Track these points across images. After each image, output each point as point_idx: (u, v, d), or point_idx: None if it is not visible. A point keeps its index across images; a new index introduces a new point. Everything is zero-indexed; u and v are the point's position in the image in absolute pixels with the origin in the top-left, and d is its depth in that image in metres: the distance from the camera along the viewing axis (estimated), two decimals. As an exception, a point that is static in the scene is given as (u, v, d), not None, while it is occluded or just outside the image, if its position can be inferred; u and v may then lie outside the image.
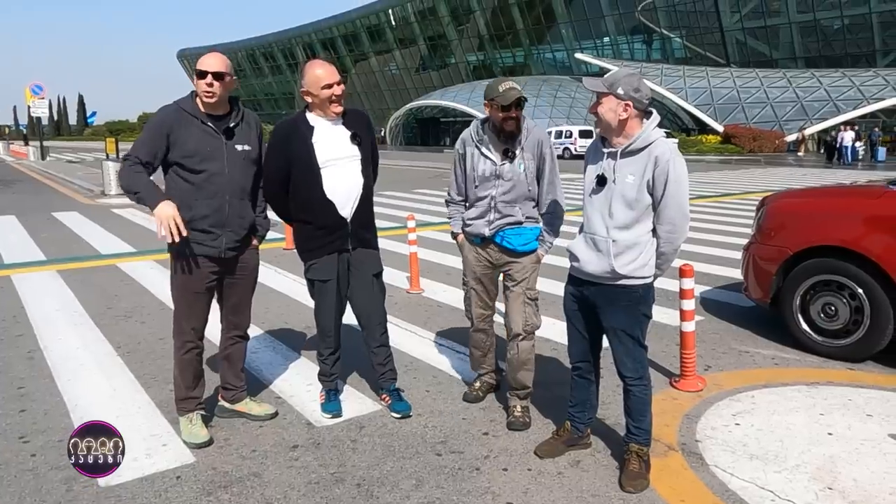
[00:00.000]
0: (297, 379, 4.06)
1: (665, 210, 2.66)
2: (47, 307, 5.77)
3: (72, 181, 20.03)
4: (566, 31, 56.35)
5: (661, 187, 2.63)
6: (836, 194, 5.47)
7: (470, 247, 3.47)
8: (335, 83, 3.18)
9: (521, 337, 3.36)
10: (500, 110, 3.17)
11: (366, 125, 3.42)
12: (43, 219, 11.83)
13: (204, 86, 3.02)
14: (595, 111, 2.71)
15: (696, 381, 3.87)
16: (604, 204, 2.73)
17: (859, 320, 4.28)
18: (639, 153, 2.67)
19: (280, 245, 8.61)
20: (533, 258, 3.36)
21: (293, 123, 3.31)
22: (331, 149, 3.25)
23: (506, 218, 3.31)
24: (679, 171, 2.64)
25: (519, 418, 3.38)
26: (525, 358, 3.38)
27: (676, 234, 2.70)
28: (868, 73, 38.46)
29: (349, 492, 2.76)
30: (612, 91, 2.63)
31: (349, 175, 3.28)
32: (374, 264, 3.46)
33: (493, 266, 3.44)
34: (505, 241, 3.34)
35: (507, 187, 3.28)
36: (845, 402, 3.62)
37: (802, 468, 2.90)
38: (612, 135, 2.71)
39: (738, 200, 14.69)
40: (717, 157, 34.12)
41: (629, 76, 2.67)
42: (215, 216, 3.10)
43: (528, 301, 3.36)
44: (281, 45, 78.90)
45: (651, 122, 2.69)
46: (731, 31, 48.33)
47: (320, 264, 3.36)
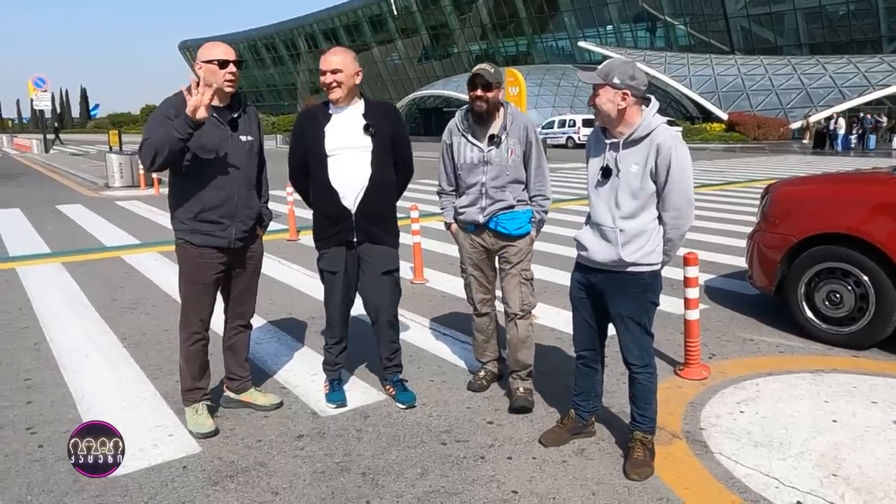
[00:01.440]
0: (301, 369, 4.07)
1: (669, 196, 2.66)
2: (52, 299, 5.79)
3: (76, 174, 20.06)
4: (569, 19, 55.98)
5: (664, 174, 2.63)
6: (841, 181, 5.44)
7: (464, 235, 3.52)
8: (328, 71, 3.20)
9: (519, 316, 3.44)
10: (469, 90, 3.27)
11: (388, 118, 3.38)
12: (47, 211, 11.86)
13: (228, 75, 3.04)
14: (593, 103, 2.69)
15: (701, 370, 3.87)
16: (610, 195, 2.73)
17: (864, 308, 4.26)
18: (640, 142, 2.66)
19: (284, 236, 8.62)
20: (527, 240, 3.44)
21: (314, 111, 3.39)
22: (340, 137, 3.26)
23: (497, 203, 3.36)
24: (682, 158, 2.64)
25: (522, 396, 3.40)
26: (524, 335, 3.44)
27: (682, 220, 2.70)
28: (874, 59, 38.14)
29: (354, 481, 2.77)
30: (607, 81, 2.62)
31: (355, 165, 3.27)
32: (385, 262, 3.41)
33: (489, 251, 3.50)
34: (500, 226, 3.39)
35: (495, 172, 3.33)
36: (850, 389, 3.61)
37: (807, 455, 2.90)
38: (612, 125, 2.70)
39: (742, 188, 14.63)
40: (722, 146, 33.95)
41: (623, 64, 2.66)
42: (225, 207, 3.11)
43: (523, 281, 3.44)
44: (283, 35, 78.65)
45: (651, 109, 2.69)
46: (736, 17, 47.94)
47: (329, 255, 3.39)
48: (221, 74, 3.02)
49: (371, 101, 3.39)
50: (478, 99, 3.25)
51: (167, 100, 3.13)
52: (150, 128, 3.00)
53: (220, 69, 3.02)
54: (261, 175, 3.35)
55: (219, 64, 3.02)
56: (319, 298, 5.70)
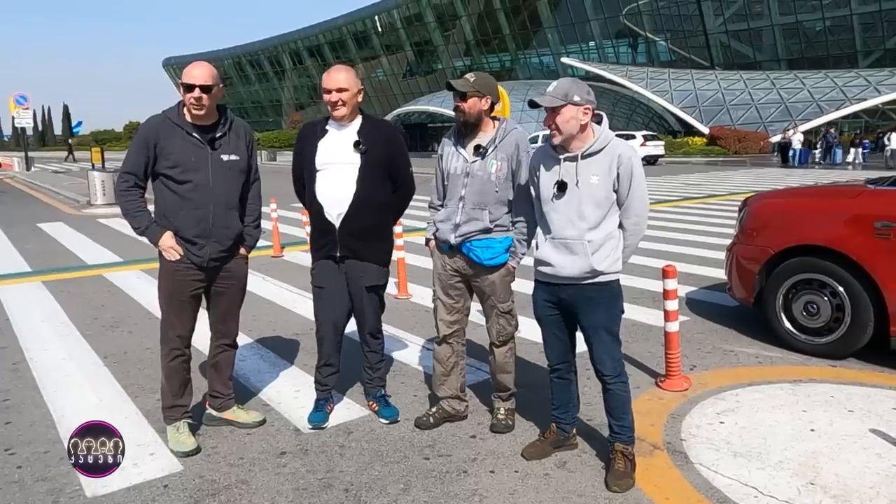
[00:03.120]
0: (284, 386, 4.06)
1: (632, 204, 2.78)
2: (32, 318, 5.73)
3: (58, 191, 19.89)
4: (552, 35, 56.62)
5: (626, 183, 2.75)
6: (817, 194, 5.54)
7: (439, 255, 3.36)
8: (333, 90, 3.22)
9: (496, 345, 3.38)
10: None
11: (384, 137, 3.37)
12: (28, 230, 11.74)
13: (192, 99, 3.02)
14: (553, 122, 2.74)
15: (682, 381, 3.91)
16: (570, 207, 2.79)
17: (840, 318, 4.34)
18: (599, 153, 2.76)
19: (268, 253, 8.60)
20: (502, 272, 3.24)
21: (314, 125, 3.43)
22: (330, 152, 3.30)
23: (472, 223, 3.18)
24: (640, 167, 2.79)
25: (501, 421, 3.39)
26: (502, 362, 3.39)
27: (640, 225, 2.84)
28: (850, 73, 38.91)
29: (337, 497, 2.77)
30: (568, 100, 2.70)
31: (341, 180, 3.28)
32: (367, 277, 3.40)
33: (462, 276, 3.32)
34: (472, 252, 3.21)
35: (476, 187, 3.16)
36: (828, 398, 3.67)
37: (785, 464, 2.94)
38: (571, 142, 2.78)
39: (722, 201, 14.81)
40: (704, 159, 34.37)
41: (575, 83, 2.76)
42: (199, 226, 3.11)
43: (500, 314, 3.30)
44: (267, 52, 78.75)
45: (605, 124, 2.82)
46: (715, 33, 48.78)
47: (318, 269, 3.44)
48: (187, 98, 3.04)
49: (369, 119, 3.39)
50: (456, 108, 3.20)
51: (149, 120, 3.15)
52: (130, 160, 3.09)
53: (186, 93, 3.03)
54: (246, 194, 3.32)
55: (184, 88, 3.03)
56: (304, 315, 5.74)
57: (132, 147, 3.10)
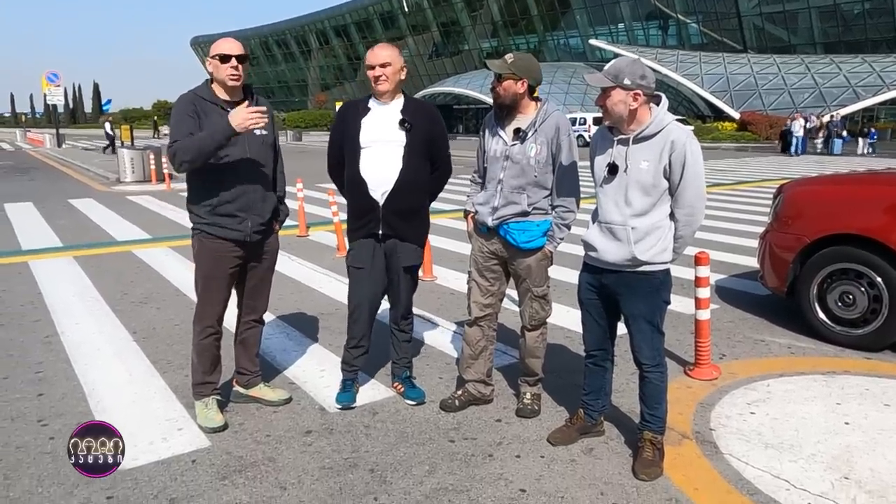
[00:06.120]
0: (310, 365, 4.08)
1: (684, 193, 2.64)
2: (64, 293, 5.83)
3: (88, 168, 20.18)
4: (580, 16, 55.77)
5: (678, 171, 2.61)
6: (855, 182, 5.39)
7: (476, 237, 3.35)
8: (377, 65, 3.22)
9: (528, 329, 3.35)
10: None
11: (427, 117, 3.36)
12: (59, 206, 11.94)
13: (230, 69, 3.05)
14: (603, 104, 2.66)
15: (711, 370, 3.85)
16: (618, 192, 2.70)
17: (877, 309, 4.23)
18: (652, 138, 2.63)
19: (294, 232, 8.64)
20: (539, 255, 3.20)
21: (355, 103, 3.41)
22: (375, 130, 3.28)
23: (510, 206, 3.15)
24: (696, 155, 2.62)
25: (527, 405, 3.37)
26: (532, 346, 3.36)
27: (695, 216, 2.68)
28: (889, 58, 37.80)
29: (362, 477, 2.77)
30: (618, 83, 2.58)
31: (387, 159, 3.27)
32: (406, 257, 3.40)
33: (499, 259, 3.30)
34: (508, 235, 3.19)
35: (515, 171, 3.13)
36: (862, 391, 3.58)
37: (818, 457, 2.87)
38: (623, 125, 2.68)
39: (754, 188, 14.53)
40: (734, 145, 33.77)
41: (632, 64, 2.62)
42: (240, 200, 3.12)
43: (534, 297, 3.27)
44: (294, 32, 78.83)
45: (662, 107, 2.67)
46: (749, 16, 47.60)
47: (356, 249, 3.40)
48: (223, 69, 3.05)
49: (411, 99, 3.38)
50: (492, 89, 3.18)
51: (183, 97, 3.14)
52: (177, 130, 3.05)
53: (222, 64, 3.05)
54: (276, 169, 3.37)
55: (220, 59, 3.04)
56: (329, 295, 5.76)
57: (175, 119, 3.08)
